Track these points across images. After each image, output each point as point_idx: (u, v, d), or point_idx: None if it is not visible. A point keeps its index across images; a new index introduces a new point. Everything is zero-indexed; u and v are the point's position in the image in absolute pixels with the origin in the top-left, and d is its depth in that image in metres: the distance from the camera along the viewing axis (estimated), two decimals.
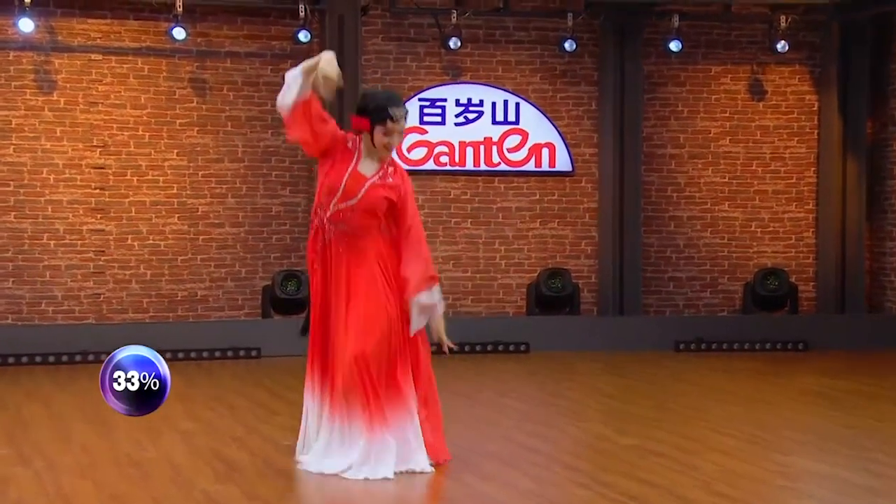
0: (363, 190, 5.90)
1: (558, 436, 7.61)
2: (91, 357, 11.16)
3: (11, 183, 11.79)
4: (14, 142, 11.79)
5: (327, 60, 5.85)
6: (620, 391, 9.80)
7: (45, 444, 7.05)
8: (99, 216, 12.05)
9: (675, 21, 12.60)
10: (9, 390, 9.51)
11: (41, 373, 10.60)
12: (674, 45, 12.67)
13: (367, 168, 5.96)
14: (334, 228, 5.93)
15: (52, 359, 11.05)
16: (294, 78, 5.88)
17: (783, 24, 12.75)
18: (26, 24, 11.37)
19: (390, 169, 6.01)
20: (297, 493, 5.97)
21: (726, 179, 13.30)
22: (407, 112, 6.09)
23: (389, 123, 5.92)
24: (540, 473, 6.22)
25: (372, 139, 5.97)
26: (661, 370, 11.00)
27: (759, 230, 13.35)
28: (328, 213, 5.93)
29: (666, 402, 9.04)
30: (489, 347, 12.17)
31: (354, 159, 5.93)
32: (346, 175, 5.90)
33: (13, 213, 11.80)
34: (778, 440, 7.32)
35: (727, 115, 13.29)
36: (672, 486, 5.81)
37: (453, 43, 12.38)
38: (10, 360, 10.98)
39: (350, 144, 5.98)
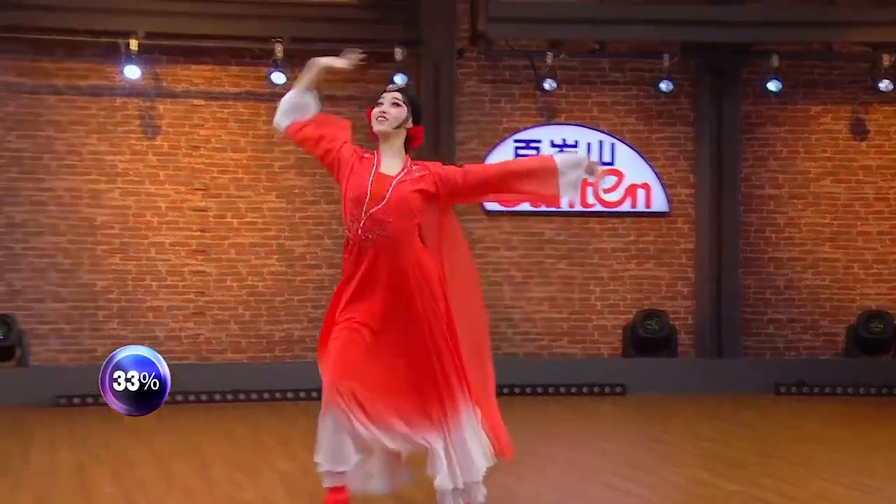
0: (390, 189, 5.54)
1: (658, 481, 7.49)
2: (192, 397, 11.34)
3: (116, 226, 12.05)
4: (119, 185, 12.07)
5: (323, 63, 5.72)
6: (720, 435, 9.63)
7: (149, 484, 7.13)
8: (200, 258, 12.25)
9: (775, 61, 12.45)
10: (113, 429, 9.65)
11: None
12: (773, 86, 12.53)
13: (390, 168, 5.61)
14: (372, 237, 5.53)
15: None
16: (292, 103, 5.75)
17: (886, 63, 12.53)
18: (133, 72, 11.66)
19: (414, 167, 5.65)
20: None
21: (827, 220, 13.09)
22: (401, 87, 5.79)
23: (382, 94, 5.68)
24: None
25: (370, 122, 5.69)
26: (760, 414, 10.81)
27: (862, 272, 13.10)
28: (362, 222, 5.53)
29: (767, 447, 8.85)
30: (585, 389, 12.09)
31: (375, 164, 5.60)
32: (370, 179, 5.55)
33: (118, 256, 12.05)
34: (888, 488, 7.12)
35: (828, 155, 13.10)
36: None
37: (548, 84, 12.39)
38: None
39: (367, 154, 5.66)
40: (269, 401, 11.41)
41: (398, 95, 5.63)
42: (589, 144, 12.80)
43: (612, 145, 12.87)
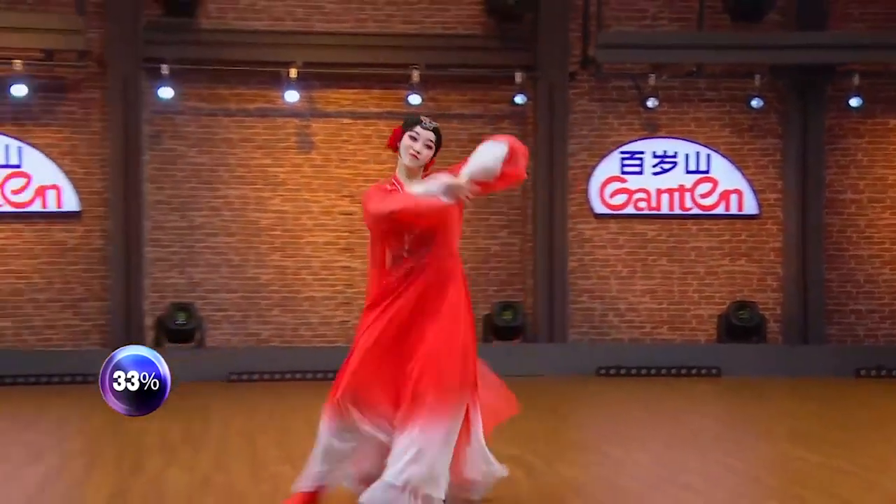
0: None
1: (750, 454, 7.39)
2: None
3: (278, 228, 12.31)
4: (280, 193, 12.32)
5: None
6: (806, 414, 9.45)
7: (309, 449, 7.23)
8: (347, 255, 12.43)
9: (856, 79, 12.14)
10: (277, 402, 9.88)
11: (302, 388, 10.95)
12: (854, 102, 12.22)
13: (415, 190, 5.13)
14: (422, 252, 5.11)
15: (309, 376, 11.43)
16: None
17: None
18: (292, 96, 11.88)
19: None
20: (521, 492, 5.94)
21: None
22: (436, 128, 5.20)
23: (418, 128, 5.13)
24: (736, 488, 6.07)
25: (400, 150, 5.18)
26: (843, 395, 10.56)
27: None
28: (407, 245, 5.13)
29: (850, 425, 8.67)
30: (683, 371, 11.96)
31: (400, 192, 5.13)
32: None
33: (279, 253, 12.31)
34: None
35: None
36: (861, 502, 5.58)
37: (651, 102, 12.29)
38: (277, 376, 11.43)
39: (389, 186, 5.20)
40: None
41: (432, 137, 5.15)
42: (686, 156, 12.69)
43: (708, 156, 12.71)
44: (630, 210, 12.68)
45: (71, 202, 11.94)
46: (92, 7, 11.78)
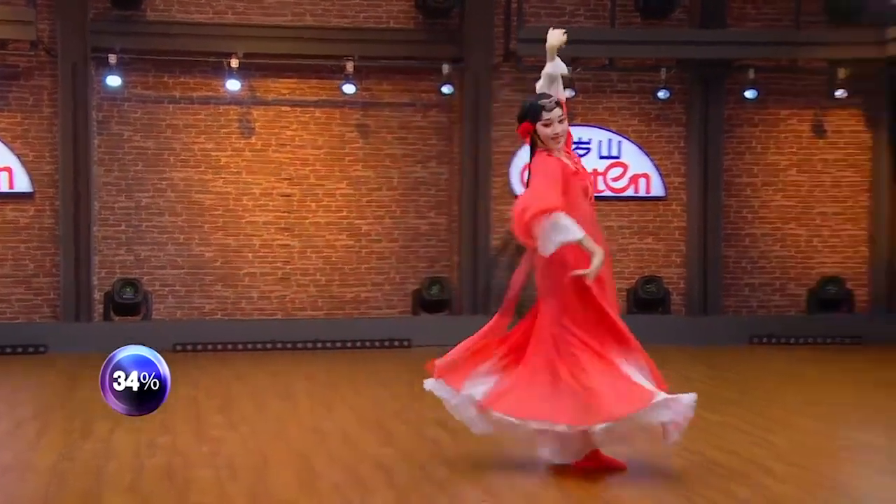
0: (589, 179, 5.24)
1: None
2: (279, 345, 11.44)
3: (220, 208, 12.14)
4: (222, 176, 12.14)
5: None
6: (707, 378, 9.60)
7: (249, 415, 7.23)
8: (285, 234, 12.32)
9: (751, 74, 12.33)
10: (220, 371, 9.78)
11: (242, 357, 10.87)
12: (749, 94, 12.40)
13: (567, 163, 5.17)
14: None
15: (250, 346, 11.34)
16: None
17: (841, 76, 12.37)
18: (233, 84, 11.70)
19: (574, 158, 5.26)
20: (448, 455, 5.95)
21: (793, 203, 12.96)
22: (557, 101, 5.16)
23: (544, 114, 5.08)
24: (641, 444, 6.11)
25: (540, 138, 5.14)
26: (738, 361, 10.75)
27: (819, 245, 12.97)
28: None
29: (746, 388, 8.83)
30: None
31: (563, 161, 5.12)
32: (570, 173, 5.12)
33: (221, 232, 12.15)
34: (845, 420, 7.09)
35: (794, 150, 12.96)
36: (751, 455, 5.69)
37: (568, 93, 12.28)
38: (220, 346, 11.30)
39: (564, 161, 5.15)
40: (342, 350, 11.50)
41: (560, 112, 5.13)
42: (599, 142, 12.78)
43: (619, 142, 12.81)
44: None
45: (23, 183, 11.63)
46: None
